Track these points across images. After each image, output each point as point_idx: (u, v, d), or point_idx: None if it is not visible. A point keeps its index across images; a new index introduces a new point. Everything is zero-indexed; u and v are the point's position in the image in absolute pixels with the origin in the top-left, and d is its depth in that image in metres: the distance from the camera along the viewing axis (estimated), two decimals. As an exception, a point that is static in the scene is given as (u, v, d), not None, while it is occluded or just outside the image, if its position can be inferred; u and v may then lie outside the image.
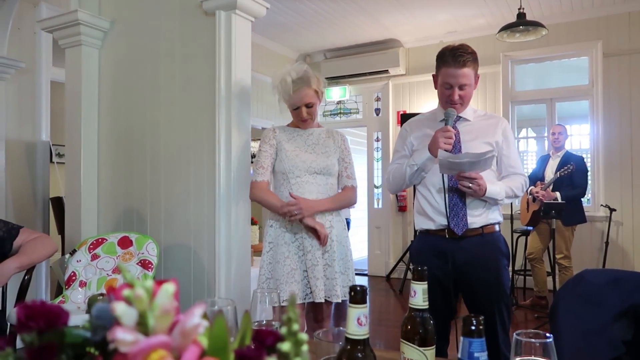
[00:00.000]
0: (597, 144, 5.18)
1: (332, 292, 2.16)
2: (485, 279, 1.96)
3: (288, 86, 2.15)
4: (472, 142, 2.01)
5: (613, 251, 4.90)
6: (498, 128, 2.05)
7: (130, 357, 0.33)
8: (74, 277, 2.42)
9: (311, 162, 2.19)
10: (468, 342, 0.72)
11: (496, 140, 2.03)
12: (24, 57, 3.72)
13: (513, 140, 2.10)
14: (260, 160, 2.21)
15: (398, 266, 6.04)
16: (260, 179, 2.20)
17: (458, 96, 1.97)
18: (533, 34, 4.24)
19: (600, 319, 1.45)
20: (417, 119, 2.23)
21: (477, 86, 2.05)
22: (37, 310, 0.33)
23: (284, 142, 2.22)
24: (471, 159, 1.85)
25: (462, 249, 1.97)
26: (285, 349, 0.38)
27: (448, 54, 1.96)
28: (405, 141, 2.15)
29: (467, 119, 2.07)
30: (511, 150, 2.07)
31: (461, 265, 1.97)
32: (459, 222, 1.97)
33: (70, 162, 2.95)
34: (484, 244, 1.98)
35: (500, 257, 2.01)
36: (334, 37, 6.02)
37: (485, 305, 1.95)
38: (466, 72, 1.95)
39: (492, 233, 2.02)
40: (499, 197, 1.97)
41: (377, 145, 6.55)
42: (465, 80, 1.95)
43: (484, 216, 1.99)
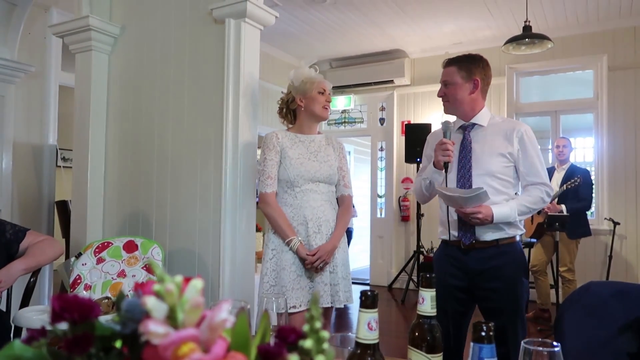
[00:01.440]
0: (602, 157, 5.18)
1: (336, 297, 2.18)
2: (500, 289, 1.94)
3: (313, 72, 2.27)
4: (483, 156, 1.97)
5: (617, 264, 4.88)
6: (514, 136, 1.97)
7: (161, 349, 0.34)
8: (79, 280, 2.43)
9: (315, 171, 2.21)
10: (478, 348, 0.73)
11: (510, 152, 1.96)
12: (34, 61, 3.76)
13: (533, 147, 1.97)
14: (267, 170, 2.20)
15: (400, 276, 6.02)
16: (270, 190, 2.19)
17: (443, 93, 2.05)
18: (539, 46, 4.27)
19: (605, 331, 1.45)
20: (438, 129, 2.22)
21: (475, 91, 2.01)
22: (72, 303, 0.34)
23: (287, 148, 2.23)
24: (462, 195, 1.87)
25: (474, 260, 1.96)
26: (308, 346, 0.39)
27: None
28: (427, 152, 2.18)
29: (481, 125, 2.03)
30: (529, 159, 1.97)
31: (474, 274, 1.97)
32: (467, 233, 1.97)
33: (78, 166, 2.98)
34: (499, 254, 1.95)
35: (517, 268, 1.98)
36: (340, 46, 6.06)
37: (499, 316, 1.93)
38: (449, 70, 2.02)
39: (510, 244, 1.98)
40: (511, 219, 1.92)
41: (380, 155, 6.57)
42: (447, 78, 2.02)
43: (496, 232, 1.96)
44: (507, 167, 1.98)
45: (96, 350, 0.37)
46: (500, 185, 1.96)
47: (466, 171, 1.97)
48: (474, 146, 2.01)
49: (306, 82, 2.26)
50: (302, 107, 2.27)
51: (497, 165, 1.96)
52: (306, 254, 2.12)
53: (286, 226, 2.14)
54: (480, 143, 2.01)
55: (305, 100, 2.26)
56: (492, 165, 1.95)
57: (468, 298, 2.03)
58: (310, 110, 2.27)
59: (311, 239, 2.16)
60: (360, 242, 7.42)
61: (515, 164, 1.99)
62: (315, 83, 2.26)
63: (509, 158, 1.97)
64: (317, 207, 2.20)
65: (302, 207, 2.18)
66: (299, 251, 2.13)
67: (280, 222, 2.15)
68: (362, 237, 7.42)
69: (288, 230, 2.14)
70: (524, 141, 1.97)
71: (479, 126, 2.03)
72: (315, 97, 2.25)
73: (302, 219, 2.18)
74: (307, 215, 2.17)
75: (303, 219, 2.18)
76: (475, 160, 1.98)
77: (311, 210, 2.18)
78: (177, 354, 0.34)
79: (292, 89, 2.30)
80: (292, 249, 2.13)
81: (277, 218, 2.15)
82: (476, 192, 1.85)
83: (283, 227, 2.14)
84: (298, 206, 2.19)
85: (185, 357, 0.34)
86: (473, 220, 1.89)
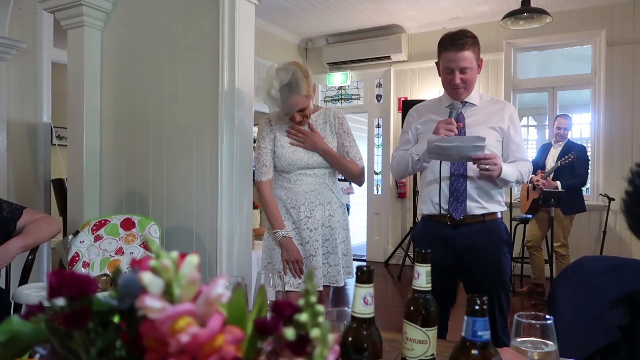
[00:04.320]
0: (598, 133, 5.19)
1: (338, 277, 2.20)
2: (485, 265, 1.99)
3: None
4: (476, 127, 2.01)
5: (610, 240, 4.93)
6: (505, 113, 2.04)
7: (158, 323, 0.35)
8: (77, 258, 2.44)
9: (308, 158, 2.19)
10: (472, 321, 0.74)
11: (500, 126, 2.02)
12: (25, 38, 3.70)
13: (519, 127, 2.08)
14: (261, 159, 2.21)
15: (397, 252, 6.08)
16: (265, 178, 2.21)
17: (460, 80, 1.97)
18: (537, 21, 4.22)
19: (598, 305, 1.47)
20: (424, 104, 2.24)
21: (480, 70, 2.03)
22: (69, 278, 0.35)
23: (280, 135, 2.21)
24: (460, 143, 1.85)
25: (462, 235, 1.99)
26: (303, 320, 0.40)
27: (447, 39, 1.97)
28: (411, 126, 2.16)
29: (474, 104, 2.06)
30: (518, 137, 2.05)
31: (462, 251, 2.00)
32: (458, 207, 1.98)
33: (73, 144, 2.96)
34: (484, 230, 1.99)
35: (501, 244, 2.02)
36: (337, 22, 5.98)
37: (484, 291, 1.96)
38: (466, 55, 1.94)
39: (494, 220, 2.03)
40: (511, 179, 1.96)
41: (377, 132, 6.55)
42: (466, 64, 1.95)
43: (484, 204, 2.00)
44: (497, 142, 2.02)
45: (94, 325, 0.38)
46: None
47: None
48: (467, 121, 2.03)
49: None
50: None
51: (491, 138, 1.98)
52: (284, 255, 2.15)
53: (274, 218, 2.17)
54: (473, 118, 2.04)
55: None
56: (486, 136, 1.95)
57: (453, 275, 2.07)
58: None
59: (302, 223, 2.17)
60: (357, 218, 7.47)
61: (503, 139, 2.03)
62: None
63: (499, 132, 2.01)
64: (310, 191, 2.20)
65: (295, 191, 2.20)
66: (281, 244, 2.16)
67: (269, 214, 2.20)
68: (358, 214, 7.46)
69: (275, 222, 2.17)
70: (513, 119, 2.05)
71: (470, 104, 2.06)
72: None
73: (294, 203, 2.20)
74: (299, 200, 2.19)
75: (295, 203, 2.20)
76: (469, 132, 2.00)
77: (303, 195, 2.19)
78: (174, 328, 0.34)
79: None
80: (276, 238, 2.17)
81: (268, 208, 2.20)
82: (475, 142, 1.84)
83: (271, 219, 2.19)
84: (291, 190, 2.21)
85: (182, 331, 0.34)
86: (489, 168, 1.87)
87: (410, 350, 1.01)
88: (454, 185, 1.99)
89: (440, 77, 2.07)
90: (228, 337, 0.36)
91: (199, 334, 0.34)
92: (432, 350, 1.01)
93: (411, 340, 1.00)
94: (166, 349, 0.35)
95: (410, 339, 1.01)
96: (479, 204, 1.99)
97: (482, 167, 1.89)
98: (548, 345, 0.91)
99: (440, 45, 2.01)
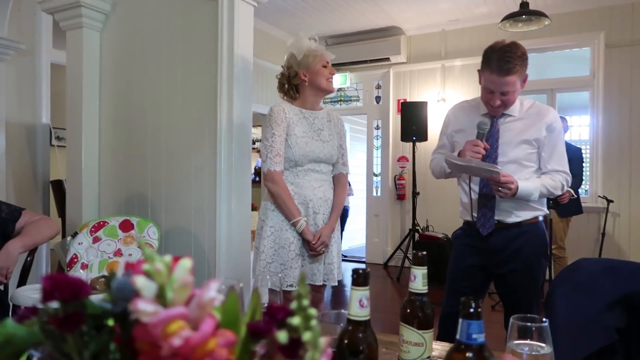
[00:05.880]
0: (597, 135, 5.19)
1: (330, 275, 2.21)
2: (518, 270, 1.94)
3: (314, 44, 2.18)
4: (510, 145, 1.93)
5: (609, 242, 4.94)
6: (542, 122, 1.93)
7: (151, 327, 0.35)
8: (75, 259, 2.45)
9: (319, 151, 2.18)
10: (467, 324, 0.74)
11: (537, 137, 1.92)
12: (24, 39, 3.70)
13: (559, 136, 1.95)
14: (275, 147, 2.11)
15: (396, 254, 6.08)
16: (279, 168, 2.12)
17: (500, 102, 1.88)
18: (536, 23, 4.23)
19: (595, 307, 1.47)
20: (461, 106, 2.14)
21: (524, 85, 1.92)
22: (62, 282, 0.35)
23: (293, 124, 2.16)
24: (475, 166, 1.83)
25: (498, 240, 1.95)
26: (296, 323, 0.40)
27: (494, 59, 1.82)
28: (447, 130, 2.12)
29: (511, 115, 1.97)
30: (553, 147, 1.94)
31: (496, 254, 1.96)
32: (486, 223, 1.95)
33: (72, 145, 2.96)
34: (521, 234, 1.94)
35: (536, 248, 1.97)
36: (336, 23, 5.99)
37: (515, 296, 1.95)
38: (510, 80, 1.82)
39: (532, 224, 1.96)
40: (531, 197, 1.89)
41: (376, 134, 6.56)
42: (509, 88, 1.84)
43: (517, 212, 1.94)
44: (531, 154, 1.95)
45: (88, 328, 0.38)
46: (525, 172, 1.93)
47: (492, 160, 1.93)
48: (501, 134, 1.95)
49: (309, 56, 2.17)
50: (306, 81, 2.19)
51: (523, 152, 1.93)
52: (312, 237, 2.12)
53: (293, 207, 2.12)
54: (508, 131, 1.95)
55: (309, 75, 2.18)
56: (518, 152, 1.92)
57: (484, 277, 2.03)
58: (315, 84, 2.19)
59: (310, 219, 2.16)
60: (356, 220, 7.47)
61: (539, 150, 1.95)
62: (318, 56, 2.18)
63: (534, 145, 1.93)
64: (317, 187, 2.19)
65: (304, 186, 2.16)
66: (304, 233, 2.12)
67: (287, 203, 2.11)
68: (357, 216, 7.46)
69: (295, 211, 2.11)
70: (552, 128, 1.94)
71: (507, 115, 1.97)
72: (320, 70, 2.18)
73: (303, 199, 2.16)
74: (307, 195, 2.16)
75: (304, 199, 2.16)
76: (501, 148, 1.94)
77: (312, 190, 2.17)
78: (167, 332, 0.35)
79: (294, 62, 2.19)
80: (298, 229, 2.12)
81: (285, 198, 2.11)
82: (489, 168, 1.81)
83: (290, 208, 2.11)
84: (299, 185, 2.17)
85: (174, 334, 0.35)
86: (503, 190, 1.83)
87: (406, 353, 1.01)
88: (482, 201, 1.96)
89: (480, 86, 1.95)
90: (220, 341, 0.37)
91: (191, 338, 0.35)
92: (428, 352, 1.01)
93: (407, 342, 1.01)
94: (159, 352, 0.35)
95: (406, 342, 1.01)
96: (511, 214, 1.94)
97: (494, 189, 1.87)
98: (543, 347, 0.91)
99: (485, 58, 1.87)
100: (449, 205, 5.83)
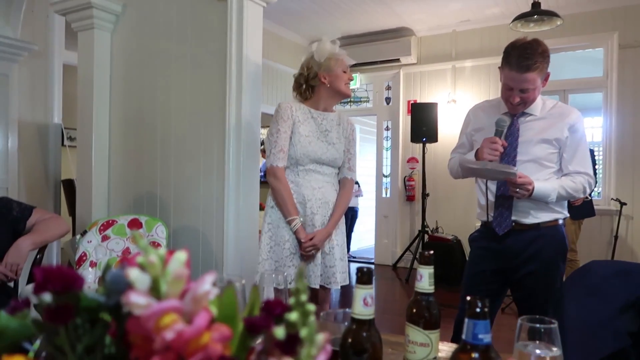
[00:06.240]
0: (610, 137, 5.12)
1: (332, 279, 2.17)
2: (535, 273, 1.90)
3: (337, 49, 2.20)
4: (530, 144, 1.89)
5: (622, 245, 4.87)
6: (564, 123, 1.88)
7: (143, 320, 0.34)
8: (84, 258, 2.46)
9: (322, 153, 2.18)
10: (473, 324, 0.73)
11: (558, 137, 1.87)
12: (37, 40, 3.74)
13: (581, 137, 1.90)
14: (279, 143, 2.14)
15: (405, 255, 6.05)
16: (282, 164, 2.14)
17: (519, 99, 1.85)
18: (548, 24, 4.18)
19: (606, 311, 1.45)
20: (482, 106, 2.12)
21: (546, 84, 1.88)
22: (55, 274, 0.34)
23: (299, 122, 2.17)
24: (491, 168, 1.81)
25: (515, 242, 1.91)
26: (293, 319, 0.39)
27: (514, 56, 1.80)
28: (467, 130, 2.10)
29: (532, 114, 1.93)
30: (575, 148, 1.90)
31: (513, 258, 1.93)
32: (502, 223, 1.92)
33: (82, 145, 2.98)
34: (539, 237, 1.90)
35: (555, 251, 1.92)
36: (346, 24, 5.98)
37: (531, 300, 1.91)
38: (530, 77, 1.79)
39: (551, 227, 1.92)
40: (548, 198, 1.84)
41: (386, 135, 6.53)
42: (528, 85, 1.81)
43: (535, 214, 1.90)
44: (552, 154, 1.90)
45: (82, 321, 0.38)
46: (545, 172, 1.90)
47: (511, 159, 1.90)
48: (521, 133, 1.91)
49: (331, 59, 2.18)
50: (326, 83, 2.20)
51: (543, 151, 1.89)
52: (304, 237, 2.11)
53: (291, 204, 2.12)
54: (529, 130, 1.91)
55: (329, 77, 2.19)
56: (538, 151, 1.88)
57: (501, 281, 1.99)
58: (334, 87, 2.20)
59: (308, 219, 2.15)
60: (365, 221, 7.44)
61: (560, 150, 1.91)
62: (340, 60, 2.20)
63: (555, 145, 1.89)
64: (317, 188, 2.18)
65: (303, 186, 2.16)
66: (298, 232, 2.12)
67: (286, 199, 2.12)
68: (367, 217, 7.44)
69: (292, 209, 2.12)
70: (575, 129, 1.89)
71: (528, 114, 1.94)
72: (340, 74, 2.20)
73: (302, 198, 2.16)
74: (306, 195, 2.16)
75: (302, 199, 2.16)
76: (521, 147, 1.90)
77: (311, 190, 2.16)
78: (159, 325, 0.34)
79: (315, 64, 2.20)
80: (292, 228, 2.12)
81: (284, 194, 2.13)
82: (505, 169, 1.78)
83: (287, 205, 2.12)
84: (299, 184, 2.17)
85: (167, 327, 0.34)
86: (521, 192, 1.80)
87: (412, 353, 1.00)
88: (498, 201, 1.93)
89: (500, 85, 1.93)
90: (215, 335, 0.36)
91: (184, 331, 0.34)
92: (434, 353, 0.99)
93: (413, 342, 0.99)
94: (151, 345, 0.35)
95: (412, 342, 1.00)
96: (529, 215, 1.90)
97: (511, 190, 1.84)
98: (552, 350, 0.89)
99: (505, 55, 1.84)
100: (458, 207, 5.79)
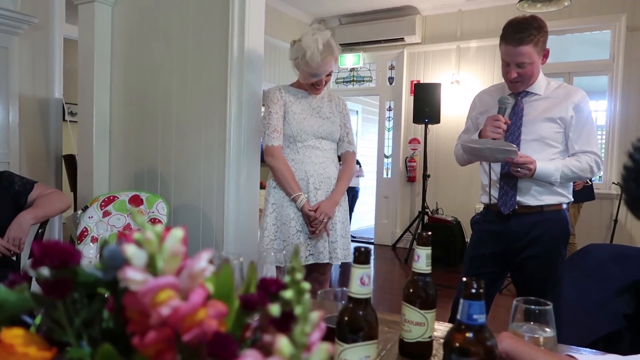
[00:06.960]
0: (614, 120, 5.09)
1: (334, 254, 2.21)
2: (537, 256, 1.90)
3: (317, 56, 2.06)
4: (535, 122, 1.89)
5: (621, 230, 4.89)
6: (569, 102, 1.88)
7: (140, 296, 0.35)
8: (86, 233, 2.48)
9: (318, 126, 2.20)
10: (468, 304, 0.74)
11: (562, 116, 1.87)
12: (37, 13, 3.69)
13: (587, 116, 1.89)
14: (272, 123, 2.17)
15: (404, 236, 6.08)
16: (277, 143, 2.16)
17: (516, 74, 1.85)
18: (555, 4, 4.12)
19: (603, 293, 1.46)
20: (487, 90, 2.12)
21: (546, 61, 1.90)
22: (52, 248, 0.35)
23: (290, 103, 2.20)
24: (491, 146, 1.80)
25: (518, 226, 1.91)
26: (288, 297, 0.40)
27: (508, 30, 1.83)
28: (472, 113, 2.10)
29: (536, 93, 1.93)
30: (581, 128, 1.88)
31: (514, 241, 1.93)
32: (507, 202, 1.91)
33: (83, 120, 2.98)
34: (542, 221, 1.89)
35: (557, 236, 1.92)
36: (350, 2, 5.90)
37: (530, 284, 1.92)
38: (524, 50, 1.80)
39: (554, 212, 1.91)
40: (552, 178, 1.84)
41: (389, 115, 6.50)
42: (524, 59, 1.81)
43: (540, 196, 1.89)
44: (557, 133, 1.89)
45: (80, 296, 0.38)
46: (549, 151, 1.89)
47: (515, 138, 1.89)
48: (525, 112, 1.91)
49: (300, 63, 2.13)
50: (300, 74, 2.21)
51: (548, 130, 1.88)
52: (309, 209, 2.13)
53: (293, 182, 2.13)
54: (533, 109, 1.91)
55: (300, 72, 2.19)
56: (543, 130, 1.87)
57: (502, 264, 1.99)
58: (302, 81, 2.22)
59: (311, 195, 2.17)
60: (366, 201, 7.46)
61: (565, 130, 1.90)
62: (314, 69, 2.10)
63: (560, 124, 1.88)
64: (319, 163, 2.19)
65: (304, 162, 2.18)
66: (304, 208, 2.13)
67: (287, 177, 2.13)
68: (367, 197, 7.45)
69: (295, 186, 2.13)
70: (580, 108, 1.88)
71: (532, 94, 1.93)
72: (306, 77, 2.16)
73: (304, 175, 2.18)
74: (308, 171, 2.17)
75: (304, 175, 2.18)
76: (525, 126, 1.90)
77: (313, 166, 2.18)
78: (155, 301, 0.34)
79: (292, 52, 2.18)
80: (298, 205, 2.13)
81: (285, 172, 2.13)
82: (506, 147, 1.77)
83: (290, 182, 2.13)
84: (300, 161, 2.18)
85: (163, 303, 0.34)
86: (522, 171, 1.81)
87: (408, 332, 1.01)
88: (504, 179, 1.92)
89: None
90: (211, 312, 0.36)
91: (180, 307, 0.34)
92: (429, 332, 1.01)
93: (409, 322, 1.01)
94: (148, 321, 0.35)
95: (408, 321, 1.01)
96: (533, 197, 1.89)
97: (513, 169, 1.84)
98: (546, 331, 0.91)
99: (502, 34, 1.87)
100: (459, 189, 5.79)
